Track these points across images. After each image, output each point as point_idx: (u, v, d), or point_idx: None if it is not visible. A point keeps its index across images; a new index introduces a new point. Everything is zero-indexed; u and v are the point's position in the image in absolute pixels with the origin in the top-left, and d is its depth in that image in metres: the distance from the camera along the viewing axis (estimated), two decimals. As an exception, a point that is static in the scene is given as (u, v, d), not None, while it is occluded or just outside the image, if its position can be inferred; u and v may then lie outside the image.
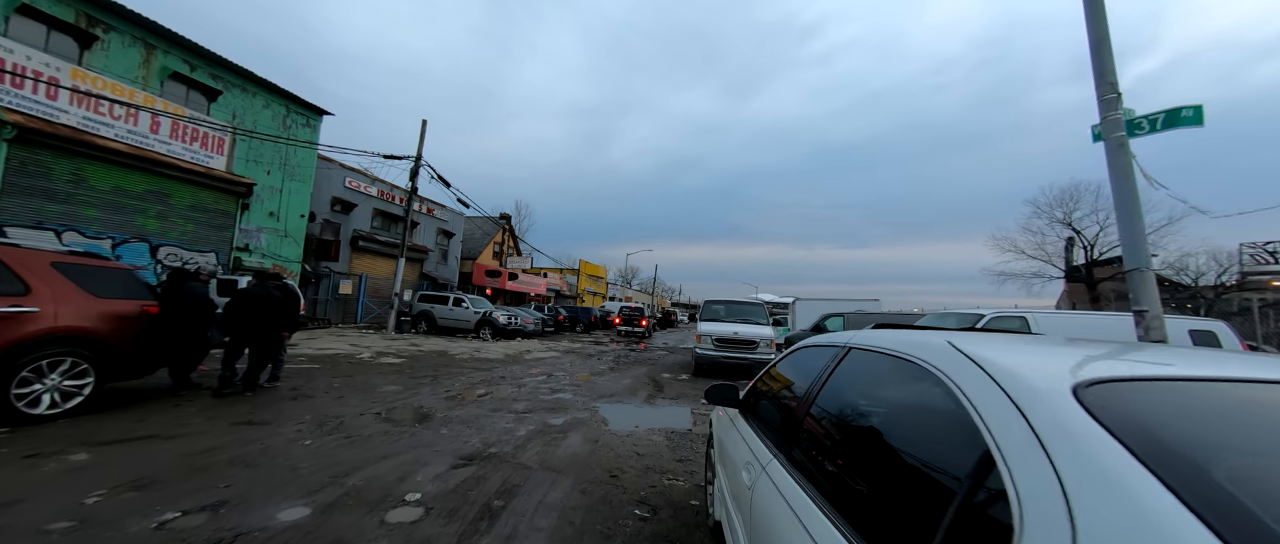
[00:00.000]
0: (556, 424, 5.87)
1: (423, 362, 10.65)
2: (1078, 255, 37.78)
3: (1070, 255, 39.97)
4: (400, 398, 6.80)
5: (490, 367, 10.68)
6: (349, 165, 20.49)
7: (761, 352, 10.40)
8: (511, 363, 11.60)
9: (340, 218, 20.14)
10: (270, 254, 15.94)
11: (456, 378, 8.85)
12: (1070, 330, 7.05)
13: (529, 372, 10.33)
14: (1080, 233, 36.27)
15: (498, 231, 30.84)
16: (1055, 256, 38.30)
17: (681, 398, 8.30)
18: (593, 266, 47.76)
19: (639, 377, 10.51)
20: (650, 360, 14.13)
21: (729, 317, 11.61)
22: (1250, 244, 46.28)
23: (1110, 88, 4.52)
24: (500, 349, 14.28)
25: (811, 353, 2.19)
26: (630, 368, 12.00)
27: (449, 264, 26.85)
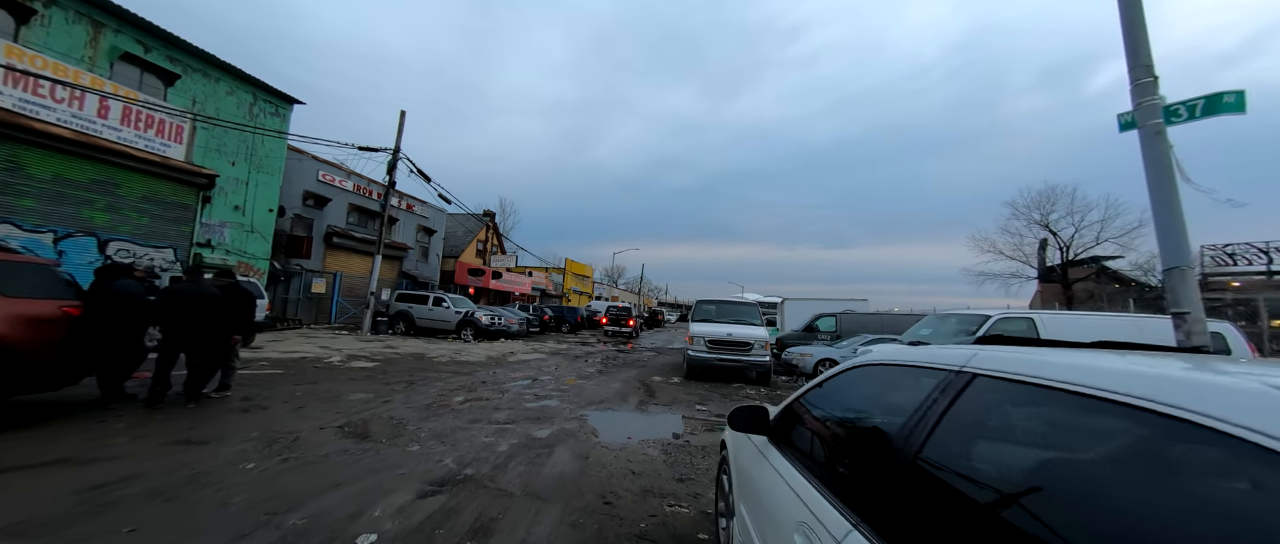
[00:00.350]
0: (541, 437, 5.30)
1: (398, 366, 9.94)
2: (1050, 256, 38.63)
3: (1043, 256, 40.94)
4: (368, 408, 6.14)
5: (471, 370, 10.03)
6: (323, 158, 19.47)
7: (756, 354, 9.97)
8: (494, 366, 10.95)
9: (313, 213, 19.12)
10: (235, 250, 14.94)
11: (433, 384, 8.19)
12: (1078, 333, 6.76)
13: (512, 376, 9.71)
14: (1057, 234, 37.02)
15: (481, 229, 29.94)
16: (1032, 257, 39.03)
17: (675, 404, 7.80)
18: (578, 265, 47.03)
19: (629, 380, 9.98)
20: (639, 362, 13.61)
21: (721, 317, 11.17)
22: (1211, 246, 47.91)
23: (1145, 70, 4.16)
24: (482, 351, 13.59)
25: (886, 375, 1.69)
26: (619, 371, 11.46)
27: (430, 262, 25.90)
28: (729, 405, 7.87)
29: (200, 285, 5.48)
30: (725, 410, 7.45)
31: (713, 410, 7.42)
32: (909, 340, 7.73)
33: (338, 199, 20.15)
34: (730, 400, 8.33)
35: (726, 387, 9.78)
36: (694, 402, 8.06)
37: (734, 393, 9.10)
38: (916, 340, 7.60)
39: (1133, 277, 39.91)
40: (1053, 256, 38.32)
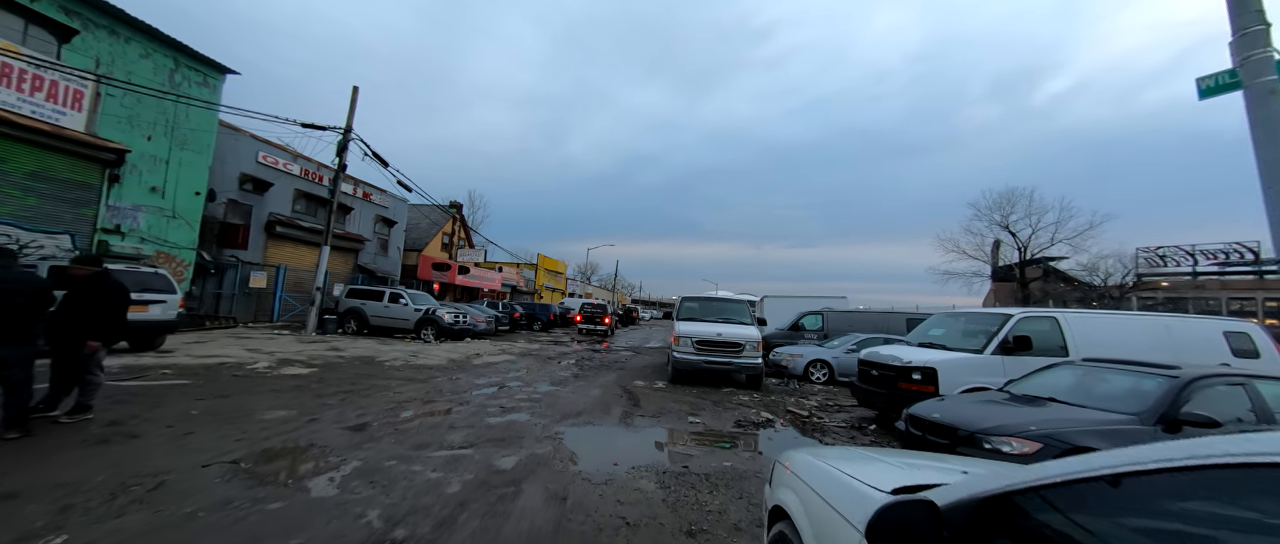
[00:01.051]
0: (506, 469, 4.17)
1: (338, 372, 8.50)
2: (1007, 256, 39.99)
3: (996, 256, 42.48)
4: (284, 431, 4.82)
5: (428, 376, 8.70)
6: (264, 137, 17.40)
7: (747, 356, 9.08)
8: (456, 370, 9.64)
9: (252, 198, 17.05)
10: (153, 238, 12.94)
11: (378, 395, 6.87)
12: (1107, 334, 6.16)
13: (476, 382, 8.45)
14: (1016, 235, 38.30)
15: (447, 221, 28.06)
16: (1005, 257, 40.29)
17: (664, 415, 6.77)
18: (551, 261, 45.45)
19: (608, 386, 8.90)
20: (618, 364, 12.54)
21: (709, 315, 10.24)
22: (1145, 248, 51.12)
23: (1256, 17, 3.42)
24: (444, 353, 12.19)
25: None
26: (597, 374, 10.36)
27: (390, 256, 23.96)
28: (724, 415, 6.91)
29: (9, 270, 4.00)
30: (721, 422, 6.49)
31: (708, 423, 6.44)
32: (919, 342, 6.98)
33: (282, 184, 18.10)
34: (724, 409, 7.39)
35: (717, 392, 8.85)
36: (685, 411, 7.06)
37: (727, 400, 8.16)
38: (927, 342, 6.85)
39: (1077, 277, 41.86)
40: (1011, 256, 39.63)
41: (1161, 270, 50.89)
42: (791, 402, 8.42)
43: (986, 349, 5.98)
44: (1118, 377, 4.52)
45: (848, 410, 7.89)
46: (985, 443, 3.91)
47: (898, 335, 11.14)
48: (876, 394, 6.57)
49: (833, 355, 10.50)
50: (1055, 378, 4.91)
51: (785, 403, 8.20)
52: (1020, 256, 36.41)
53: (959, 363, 5.93)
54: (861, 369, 7.12)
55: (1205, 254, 51.89)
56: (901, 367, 6.19)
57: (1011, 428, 3.88)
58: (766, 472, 4.46)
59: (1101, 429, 3.73)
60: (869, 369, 6.86)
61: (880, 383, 6.54)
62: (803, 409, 7.72)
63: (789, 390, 9.62)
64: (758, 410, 7.42)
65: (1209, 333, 6.07)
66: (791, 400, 8.51)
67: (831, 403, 8.41)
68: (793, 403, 8.27)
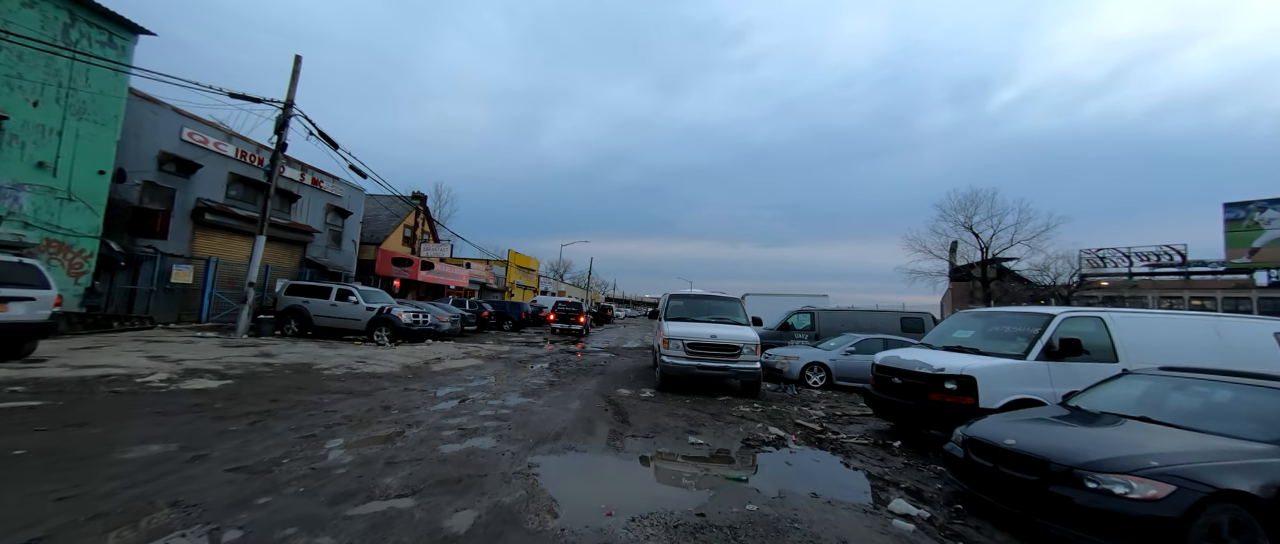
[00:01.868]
0: (458, 533, 2.94)
1: (259, 385, 6.95)
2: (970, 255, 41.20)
3: (954, 257, 43.86)
4: (144, 480, 3.41)
5: (373, 388, 7.26)
6: (192, 113, 15.14)
7: (744, 360, 8.09)
8: (410, 379, 8.21)
9: (175, 181, 14.81)
10: (40, 223, 10.77)
11: (303, 416, 5.44)
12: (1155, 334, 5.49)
13: (432, 394, 7.09)
14: (978, 235, 39.42)
15: (409, 213, 25.95)
16: (962, 257, 41.41)
17: (659, 433, 5.66)
18: (523, 258, 43.57)
19: (588, 396, 7.71)
20: (597, 367, 11.33)
21: (699, 314, 9.20)
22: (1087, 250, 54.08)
23: None
24: (399, 358, 10.65)
25: None
26: (575, 381, 9.14)
27: (344, 249, 21.79)
28: (727, 432, 5.87)
29: None
30: (726, 441, 5.44)
31: (712, 443, 5.38)
32: (943, 345, 6.15)
33: (213, 166, 15.87)
34: (726, 423, 6.35)
35: (711, 401, 7.82)
36: (682, 428, 5.97)
37: (726, 411, 7.13)
38: (953, 345, 6.03)
39: (1029, 277, 43.61)
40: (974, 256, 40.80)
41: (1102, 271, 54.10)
42: (795, 410, 7.48)
43: (1030, 354, 5.18)
44: (1215, 390, 3.73)
45: (860, 421, 7.01)
46: (1089, 481, 2.99)
47: (893, 335, 10.47)
48: (901, 406, 5.68)
49: (830, 358, 9.68)
50: (1131, 390, 4.10)
51: (790, 413, 7.25)
52: (982, 256, 37.43)
53: (1000, 371, 5.10)
54: (878, 376, 6.23)
55: (1140, 256, 55.39)
56: (932, 375, 5.32)
57: (1127, 462, 2.98)
58: (804, 520, 3.50)
59: (1245, 464, 2.87)
60: (889, 376, 5.98)
61: (905, 393, 5.66)
62: (811, 421, 6.78)
63: (787, 397, 8.71)
64: (763, 424, 6.42)
65: (1260, 334, 5.52)
66: (795, 409, 7.57)
67: (838, 412, 7.52)
68: (797, 412, 7.34)
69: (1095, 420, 3.81)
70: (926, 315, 12.29)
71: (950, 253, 42.68)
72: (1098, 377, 5.13)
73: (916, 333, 11.41)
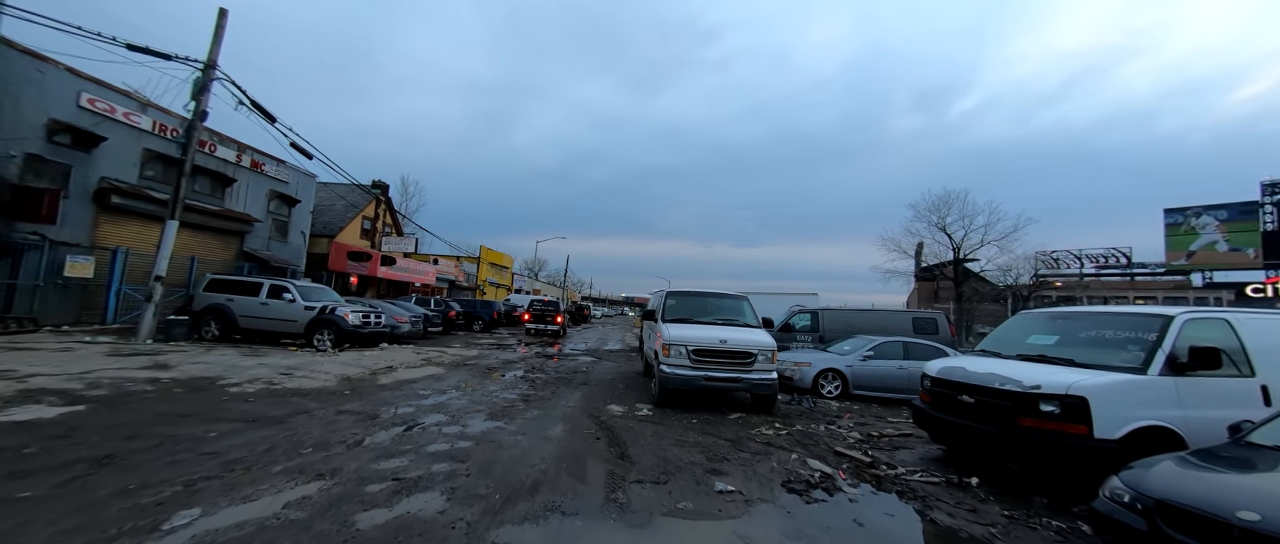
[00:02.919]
0: None
1: (119, 414, 5.05)
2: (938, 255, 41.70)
3: (919, 257, 44.50)
4: None
5: (290, 414, 5.46)
6: (94, 76, 12.60)
7: (759, 369, 6.72)
8: (346, 398, 6.41)
9: (72, 155, 12.25)
10: None
11: (158, 467, 3.66)
12: None
13: (369, 422, 5.35)
14: (951, 236, 39.83)
15: (369, 203, 23.46)
16: (933, 257, 41.83)
17: (672, 477, 4.17)
18: (496, 255, 41.22)
19: (573, 416, 6.15)
20: (579, 374, 9.74)
21: (702, 314, 7.77)
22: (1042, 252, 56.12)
23: None
24: (340, 367, 8.74)
25: None
26: (555, 394, 7.53)
27: (291, 241, 19.27)
28: (758, 468, 4.43)
29: None
30: (762, 485, 3.95)
31: (746, 489, 3.94)
32: (1016, 354, 4.93)
33: (123, 140, 13.33)
34: (752, 454, 4.93)
35: (721, 418, 6.40)
36: (700, 464, 4.51)
37: (744, 434, 5.72)
38: (1033, 354, 4.80)
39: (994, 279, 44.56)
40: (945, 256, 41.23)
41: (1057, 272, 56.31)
42: (823, 430, 6.15)
43: (1150, 367, 3.98)
44: None
45: (905, 444, 5.74)
46: None
47: (910, 338, 9.37)
48: (974, 433, 4.41)
49: (846, 364, 8.46)
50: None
51: (820, 435, 5.90)
52: (955, 257, 37.78)
53: (1120, 389, 3.89)
54: (936, 391, 4.96)
55: (1089, 258, 57.86)
56: (1023, 393, 4.06)
57: None
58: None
59: None
60: (952, 393, 4.70)
61: (980, 415, 4.39)
62: (850, 446, 5.45)
63: (804, 410, 7.39)
64: (797, 453, 5.03)
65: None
66: (822, 429, 6.24)
67: (874, 432, 6.24)
68: (826, 433, 6.01)
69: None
70: (940, 316, 11.32)
71: (917, 253, 43.20)
72: (1232, 395, 3.99)
73: (930, 335, 10.40)
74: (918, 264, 45.43)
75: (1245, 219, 46.47)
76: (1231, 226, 47.05)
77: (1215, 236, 48.00)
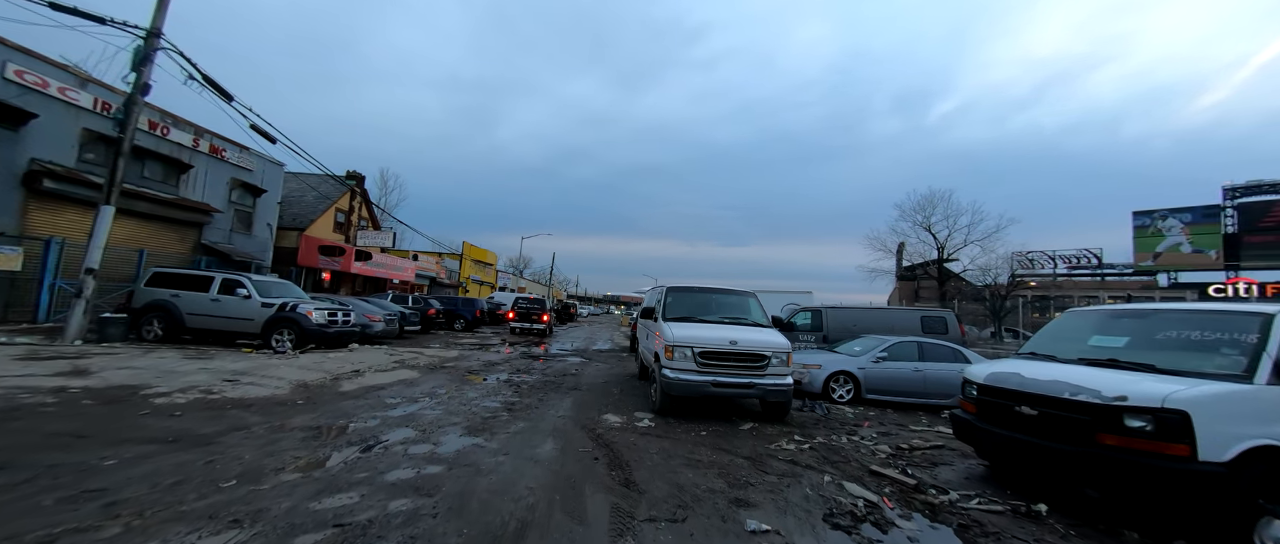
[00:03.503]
0: None
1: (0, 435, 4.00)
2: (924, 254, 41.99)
3: (900, 257, 44.84)
4: None
5: (221, 433, 4.48)
6: (22, 46, 11.17)
7: (773, 373, 5.98)
8: (296, 411, 5.44)
9: (-6, 134, 10.81)
10: None
11: (19, 514, 2.68)
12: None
13: (319, 442, 4.40)
14: (935, 235, 40.05)
15: (343, 195, 22.05)
16: (915, 256, 42.07)
17: (689, 506, 3.37)
18: (479, 251, 39.84)
19: (565, 429, 5.30)
20: (569, 377, 8.87)
21: (707, 312, 6.99)
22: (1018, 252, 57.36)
23: None
24: (297, 372, 7.69)
25: None
26: (543, 401, 6.66)
27: (256, 234, 17.84)
28: (791, 496, 3.66)
29: None
30: (799, 520, 3.18)
31: (779, 524, 3.16)
32: (1078, 358, 4.28)
33: (58, 118, 11.90)
34: (777, 476, 4.17)
35: (735, 430, 5.64)
36: (721, 491, 3.73)
37: (763, 449, 4.96)
38: (1099, 359, 4.15)
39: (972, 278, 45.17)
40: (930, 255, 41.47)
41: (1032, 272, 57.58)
42: (846, 443, 5.43)
43: (1257, 374, 3.35)
44: None
45: (943, 459, 5.06)
46: None
47: (915, 337, 8.78)
48: (1038, 451, 3.74)
49: (858, 366, 7.79)
50: None
51: (845, 449, 5.18)
52: (939, 256, 37.98)
53: (1225, 401, 3.24)
54: (984, 400, 4.29)
55: (1063, 258, 59.31)
56: (1103, 406, 3.39)
57: None
58: None
59: None
60: (1009, 404, 4.03)
61: (1046, 431, 3.72)
62: (885, 463, 4.74)
63: (819, 418, 6.68)
64: (829, 474, 4.30)
65: None
66: (845, 440, 5.52)
67: (903, 444, 5.55)
68: (850, 444, 5.30)
69: None
70: (949, 314, 10.80)
71: (898, 253, 43.48)
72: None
73: (940, 334, 9.86)
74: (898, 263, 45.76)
75: (1208, 222, 48.05)
76: (1195, 229, 48.62)
77: (1180, 239, 49.55)
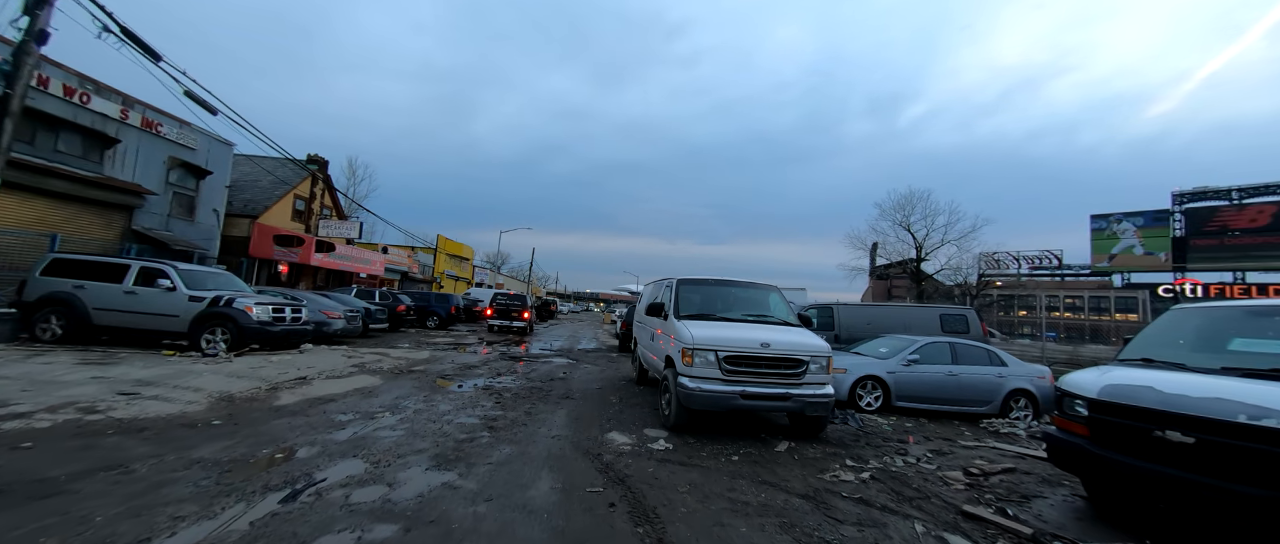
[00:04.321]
0: None
1: None
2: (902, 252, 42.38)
3: (874, 257, 45.33)
4: None
5: (78, 479, 3.12)
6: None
7: (812, 381, 4.96)
8: (207, 437, 4.07)
9: None
10: None
11: None
12: None
13: (223, 489, 3.08)
14: (914, 234, 40.39)
15: (303, 181, 19.99)
16: (895, 256, 42.39)
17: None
18: (455, 245, 37.79)
19: (562, 457, 4.13)
20: (558, 384, 7.65)
21: (724, 309, 5.91)
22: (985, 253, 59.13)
23: None
24: (225, 380, 6.22)
25: None
26: (531, 418, 5.45)
27: (200, 220, 15.77)
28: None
29: None
30: None
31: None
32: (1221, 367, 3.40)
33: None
34: (854, 526, 3.13)
35: (770, 452, 4.61)
36: (793, 558, 2.65)
37: (816, 480, 3.94)
38: (1244, 367, 3.28)
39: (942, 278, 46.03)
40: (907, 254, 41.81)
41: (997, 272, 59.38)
42: (906, 467, 4.47)
43: None
44: None
45: (1029, 488, 4.14)
46: None
47: (935, 337, 7.97)
48: (1207, 492, 2.82)
49: (887, 370, 6.90)
50: None
51: (913, 477, 4.21)
52: (918, 255, 38.27)
53: None
54: (1103, 420, 3.38)
55: (1026, 259, 61.42)
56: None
57: None
58: None
59: None
60: (1150, 427, 3.12)
61: (1216, 466, 2.82)
62: (968, 497, 3.78)
63: (854, 432, 5.72)
64: (917, 519, 3.29)
65: None
66: (902, 464, 4.56)
67: (972, 468, 4.62)
68: (910, 471, 4.33)
69: None
70: (970, 313, 10.11)
71: (871, 253, 43.85)
72: None
73: (960, 333, 9.15)
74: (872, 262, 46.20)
75: (1158, 225, 50.44)
76: (1146, 232, 50.99)
77: (1133, 241, 51.90)
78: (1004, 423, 6.58)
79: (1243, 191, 46.46)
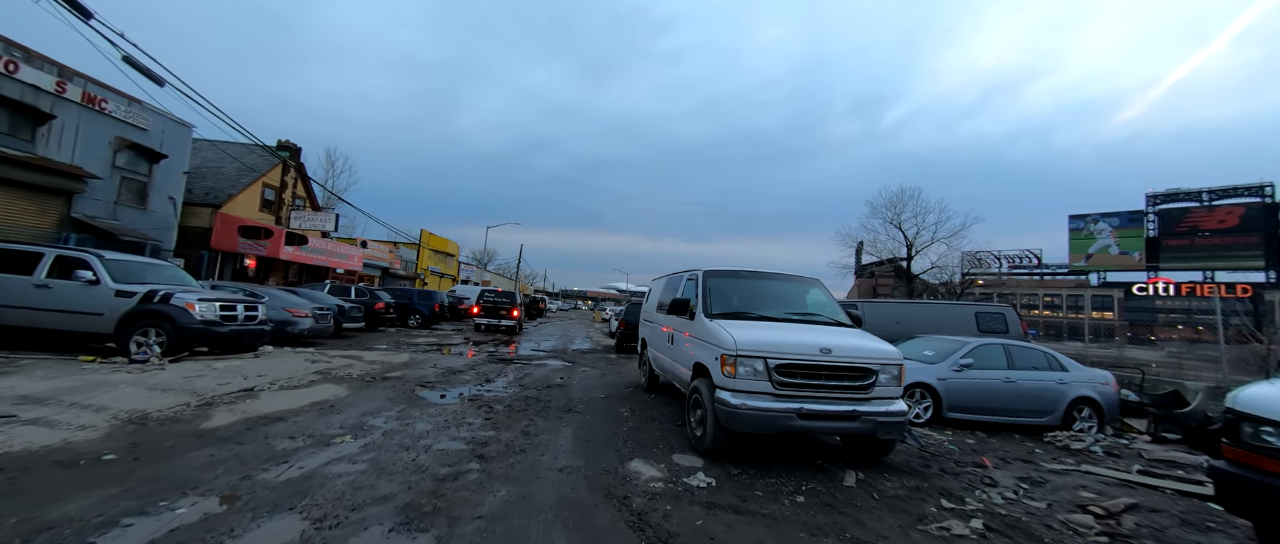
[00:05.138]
0: None
1: None
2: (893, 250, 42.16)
3: (860, 255, 45.20)
4: None
5: None
6: None
7: (881, 396, 3.99)
8: (89, 482, 2.86)
9: None
10: None
11: None
12: None
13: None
14: (905, 232, 40.16)
15: (273, 168, 18.34)
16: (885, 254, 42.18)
17: None
18: (439, 240, 36.10)
19: (576, 503, 3.05)
20: (556, 392, 6.53)
21: (761, 307, 4.89)
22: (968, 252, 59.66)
23: None
24: (145, 395, 4.96)
25: None
26: (530, 441, 4.35)
27: (153, 209, 14.12)
28: None
29: None
30: None
31: None
32: None
33: None
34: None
35: (842, 490, 3.62)
36: None
37: (910, 530, 2.94)
38: None
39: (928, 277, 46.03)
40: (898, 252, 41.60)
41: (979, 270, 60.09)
42: (1002, 503, 3.52)
43: None
44: None
45: (1176, 535, 3.22)
46: None
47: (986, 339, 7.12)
48: None
49: (937, 376, 5.98)
50: None
51: (1023, 522, 3.25)
52: (908, 253, 38.05)
53: None
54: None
55: (1006, 258, 62.22)
56: None
57: None
58: None
59: None
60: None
61: None
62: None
63: (920, 453, 4.77)
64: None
65: None
66: (996, 497, 3.61)
67: (1092, 508, 3.68)
68: (1021, 514, 3.38)
69: None
70: (1008, 310, 9.26)
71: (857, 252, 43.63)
72: None
73: (999, 333, 8.33)
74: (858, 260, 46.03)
75: (1133, 226, 51.41)
76: (1122, 232, 51.94)
77: (1109, 241, 52.84)
78: (1069, 436, 5.73)
79: (1213, 193, 47.57)
